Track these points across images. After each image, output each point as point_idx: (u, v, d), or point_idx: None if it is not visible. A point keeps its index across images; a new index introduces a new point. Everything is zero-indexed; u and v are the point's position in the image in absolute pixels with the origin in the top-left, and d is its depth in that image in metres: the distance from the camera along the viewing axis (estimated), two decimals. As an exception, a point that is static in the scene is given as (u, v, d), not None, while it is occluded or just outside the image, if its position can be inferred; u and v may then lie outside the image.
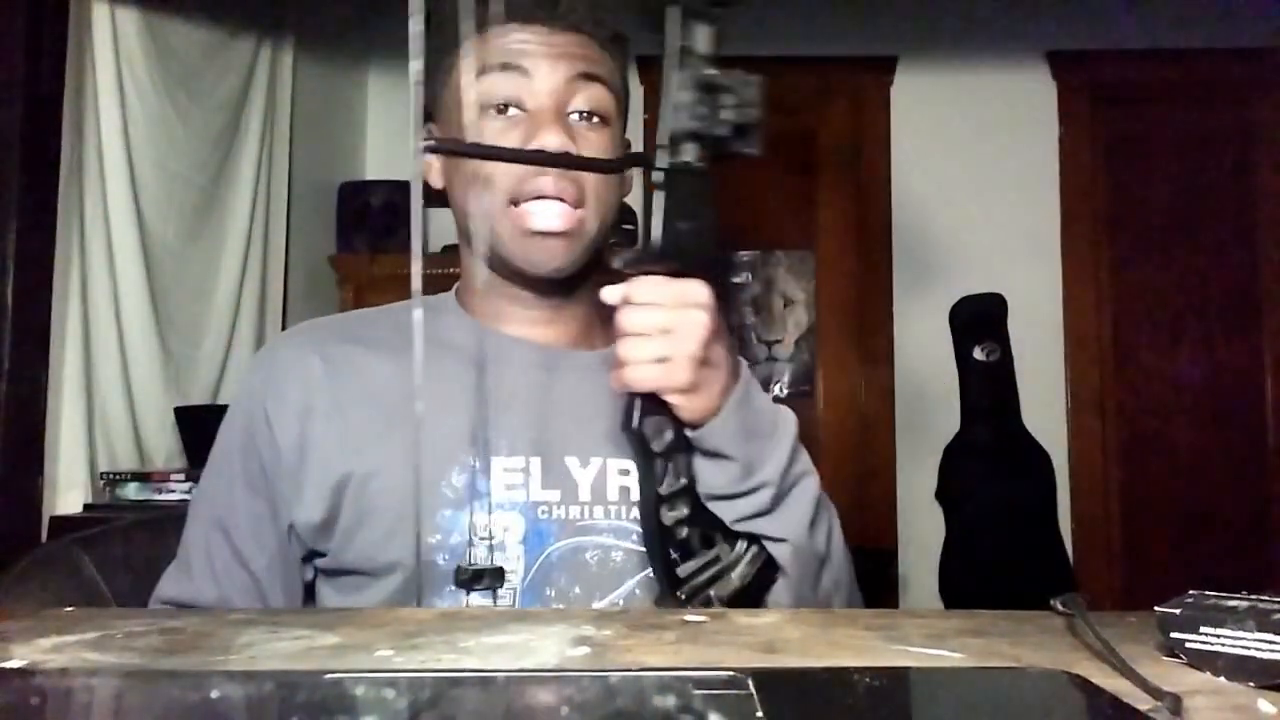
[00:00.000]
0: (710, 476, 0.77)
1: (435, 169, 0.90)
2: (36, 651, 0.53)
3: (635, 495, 0.84)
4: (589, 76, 0.85)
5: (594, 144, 0.84)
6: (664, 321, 0.72)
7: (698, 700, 0.40)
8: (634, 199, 0.98)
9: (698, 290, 0.73)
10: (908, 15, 3.21)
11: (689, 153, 0.72)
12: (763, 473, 0.78)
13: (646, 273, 0.74)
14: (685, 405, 0.74)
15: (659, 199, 0.73)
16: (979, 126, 3.22)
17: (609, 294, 0.75)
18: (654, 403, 0.75)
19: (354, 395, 0.84)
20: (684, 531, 0.76)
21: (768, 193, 3.16)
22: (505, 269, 0.87)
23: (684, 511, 0.76)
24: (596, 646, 0.54)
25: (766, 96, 0.72)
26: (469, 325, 0.90)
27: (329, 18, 2.90)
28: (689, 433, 0.76)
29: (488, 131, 0.83)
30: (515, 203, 0.83)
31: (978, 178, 3.22)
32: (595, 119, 0.85)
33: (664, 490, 0.75)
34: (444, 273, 1.08)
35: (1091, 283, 3.25)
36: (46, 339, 1.89)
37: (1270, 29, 3.08)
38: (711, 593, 0.76)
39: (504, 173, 0.82)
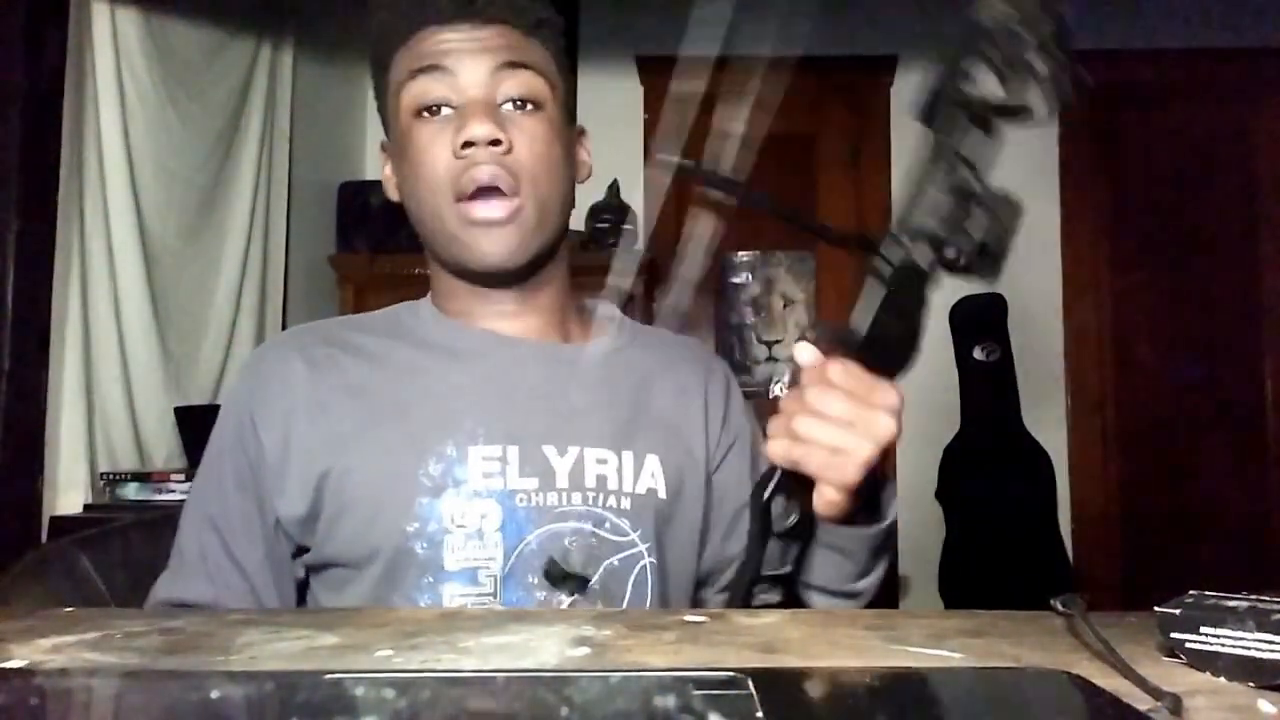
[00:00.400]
0: (822, 568, 0.77)
1: (392, 182, 0.92)
2: (36, 651, 0.53)
3: (612, 484, 0.85)
4: (515, 64, 0.85)
5: (528, 130, 0.85)
6: (850, 414, 0.70)
7: (698, 700, 0.40)
8: (637, 200, 0.98)
9: (892, 396, 0.71)
10: (908, 15, 3.21)
11: (921, 253, 0.68)
12: (866, 581, 0.80)
13: (849, 356, 0.70)
14: (832, 500, 0.71)
15: (874, 287, 0.69)
16: (979, 126, 3.21)
17: (802, 352, 0.72)
18: (796, 483, 0.72)
19: (334, 395, 0.86)
20: (770, 618, 0.75)
21: (767, 193, 3.15)
22: (460, 267, 0.89)
23: (775, 598, 0.74)
24: (596, 646, 0.54)
25: (1018, 225, 0.67)
26: (444, 323, 0.92)
27: (329, 18, 2.90)
28: (837, 526, 0.74)
29: (423, 134, 0.85)
30: (459, 199, 0.84)
31: (978, 178, 3.21)
32: (528, 105, 0.86)
33: (766, 571, 0.73)
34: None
35: (1091, 283, 3.24)
36: (46, 339, 1.89)
37: (1270, 29, 3.08)
38: None
39: (443, 171, 0.84)
